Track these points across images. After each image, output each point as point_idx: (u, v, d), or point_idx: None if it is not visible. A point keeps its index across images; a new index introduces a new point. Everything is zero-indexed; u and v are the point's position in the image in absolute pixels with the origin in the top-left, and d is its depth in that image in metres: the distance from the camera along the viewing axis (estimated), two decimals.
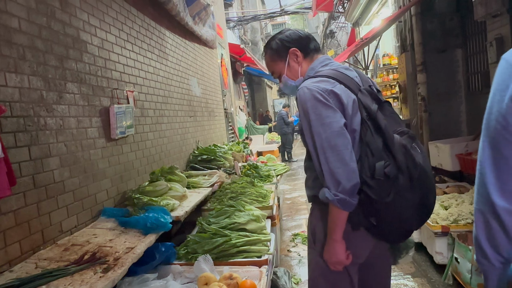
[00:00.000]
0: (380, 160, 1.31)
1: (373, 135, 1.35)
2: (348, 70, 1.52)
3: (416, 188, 1.33)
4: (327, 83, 1.40)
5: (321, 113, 1.35)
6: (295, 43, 1.60)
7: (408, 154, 1.32)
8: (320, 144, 1.35)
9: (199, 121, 4.73)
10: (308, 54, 1.61)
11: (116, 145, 2.46)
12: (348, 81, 1.43)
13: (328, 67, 1.54)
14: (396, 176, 1.30)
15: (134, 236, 1.86)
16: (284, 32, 1.65)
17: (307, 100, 1.38)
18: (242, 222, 2.39)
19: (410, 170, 1.31)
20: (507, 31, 3.74)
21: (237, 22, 11.58)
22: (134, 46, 2.89)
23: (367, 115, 1.38)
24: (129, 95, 2.71)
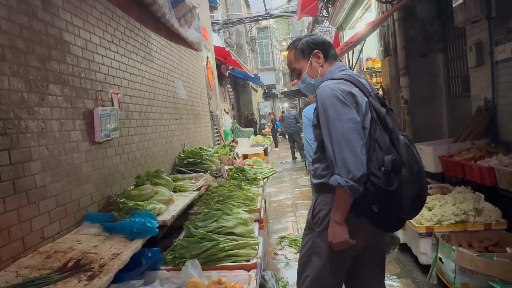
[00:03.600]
0: (387, 154, 1.50)
1: (381, 133, 1.54)
2: (361, 78, 1.71)
3: (415, 181, 1.51)
4: (345, 85, 1.59)
5: (339, 110, 1.53)
6: (319, 46, 1.79)
7: (410, 152, 1.52)
8: (336, 137, 1.52)
9: (185, 124, 4.68)
10: (328, 58, 1.80)
11: (101, 148, 2.41)
12: (362, 86, 1.62)
13: (345, 72, 1.72)
14: (400, 169, 1.49)
15: (119, 242, 1.81)
16: (311, 36, 1.85)
17: (327, 98, 1.57)
18: (230, 226, 2.36)
19: (411, 165, 1.50)
20: (486, 37, 3.85)
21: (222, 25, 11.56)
22: (118, 48, 2.84)
23: (377, 116, 1.57)
24: (114, 97, 2.65)
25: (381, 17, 5.35)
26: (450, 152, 3.93)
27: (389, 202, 1.51)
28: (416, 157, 1.55)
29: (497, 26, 3.64)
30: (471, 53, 4.09)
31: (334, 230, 1.56)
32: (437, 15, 5.29)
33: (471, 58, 4.08)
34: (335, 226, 1.56)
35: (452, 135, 4.95)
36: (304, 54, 1.80)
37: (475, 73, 4.09)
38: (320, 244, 1.65)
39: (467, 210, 3.16)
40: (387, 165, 1.48)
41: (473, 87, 4.16)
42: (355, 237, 1.59)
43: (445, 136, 5.29)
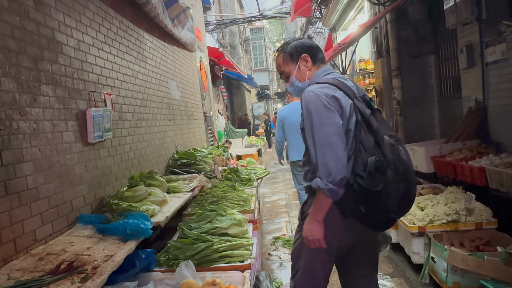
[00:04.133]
0: (372, 156, 1.53)
1: (366, 134, 1.57)
2: (346, 80, 1.75)
3: (401, 181, 1.53)
4: (329, 89, 1.63)
5: (322, 115, 1.58)
6: (307, 50, 1.83)
7: (395, 152, 1.54)
8: (319, 141, 1.57)
9: (179, 124, 4.67)
10: (316, 62, 1.84)
11: (93, 149, 2.39)
12: (346, 89, 1.65)
13: (330, 75, 1.76)
14: (384, 170, 1.51)
15: (113, 244, 1.80)
16: (299, 39, 1.89)
17: (311, 102, 1.61)
18: (224, 227, 2.36)
19: (396, 165, 1.53)
20: (476, 39, 3.90)
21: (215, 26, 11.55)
22: (111, 48, 2.82)
23: (362, 118, 1.60)
24: (107, 98, 2.64)
25: (373, 19, 5.39)
26: (442, 153, 3.97)
27: (375, 202, 1.54)
28: (402, 157, 1.57)
29: (488, 28, 3.69)
30: (462, 54, 4.13)
31: (312, 227, 1.63)
32: (429, 17, 5.35)
33: (462, 60, 4.12)
34: (313, 224, 1.63)
35: (444, 135, 5.00)
36: (293, 57, 1.84)
37: (466, 74, 4.14)
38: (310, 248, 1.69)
39: (459, 210, 3.20)
40: (370, 166, 1.53)
41: (464, 88, 4.20)
42: (344, 237, 1.67)
43: (437, 137, 5.34)
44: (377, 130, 1.56)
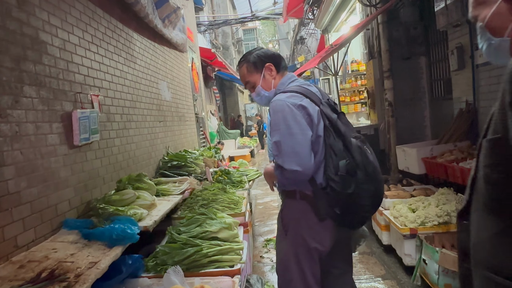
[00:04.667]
0: (342, 159, 1.60)
1: (335, 138, 1.62)
2: (310, 86, 1.80)
3: (371, 181, 1.61)
4: (296, 98, 1.67)
5: (290, 124, 1.62)
6: (270, 59, 1.88)
7: (363, 154, 1.61)
8: (286, 150, 1.62)
9: (169, 126, 4.61)
10: (279, 70, 1.90)
11: (80, 152, 2.33)
12: (312, 96, 1.70)
13: (295, 83, 1.82)
14: (355, 172, 1.58)
15: (98, 250, 1.75)
16: (260, 49, 1.94)
17: (279, 112, 1.66)
18: (213, 231, 2.32)
19: (365, 166, 1.60)
20: (467, 40, 3.91)
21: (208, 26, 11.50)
22: (99, 48, 2.77)
23: (329, 123, 1.65)
24: (94, 99, 2.58)
25: (365, 20, 5.39)
26: (433, 154, 3.97)
27: (349, 204, 1.61)
28: (369, 158, 1.64)
29: None
30: (452, 56, 4.15)
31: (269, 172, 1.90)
32: (420, 19, 5.36)
33: (453, 62, 4.14)
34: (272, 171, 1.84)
35: (435, 136, 5.02)
36: (257, 67, 1.88)
37: (456, 76, 4.15)
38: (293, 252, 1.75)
39: (450, 211, 3.20)
40: (342, 169, 1.58)
41: (455, 90, 4.22)
42: (323, 239, 1.73)
43: (428, 138, 5.36)
44: (344, 133, 1.62)
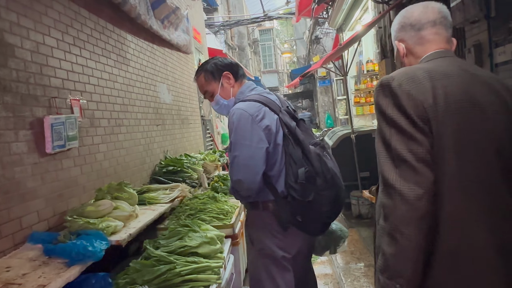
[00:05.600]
0: (301, 167, 1.62)
1: (294, 147, 1.65)
2: (270, 94, 1.83)
3: (330, 187, 1.64)
4: (254, 107, 1.70)
5: (246, 135, 1.66)
6: (227, 68, 1.91)
7: (322, 161, 1.64)
8: (240, 160, 1.67)
9: (169, 129, 4.49)
10: (237, 78, 1.93)
11: (54, 160, 2.21)
12: (271, 104, 1.73)
13: (254, 91, 1.84)
14: (314, 179, 1.60)
15: (54, 269, 1.61)
16: (217, 58, 1.96)
17: (237, 121, 1.69)
18: (193, 246, 2.16)
19: (324, 173, 1.62)
20: (485, 38, 3.61)
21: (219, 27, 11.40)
22: (82, 51, 2.65)
23: (288, 131, 1.67)
24: (74, 104, 2.46)
25: (376, 18, 5.12)
26: None
27: (310, 211, 1.62)
28: (328, 164, 1.65)
29: (497, 27, 3.41)
30: (469, 55, 3.85)
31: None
32: None
33: (470, 60, 3.85)
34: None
35: None
36: (214, 76, 1.90)
37: None
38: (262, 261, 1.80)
39: None
40: (301, 177, 1.60)
41: None
42: (288, 245, 1.76)
43: None
44: (303, 141, 1.64)
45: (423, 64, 1.20)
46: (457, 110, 1.06)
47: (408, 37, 1.27)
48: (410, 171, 1.03)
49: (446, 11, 1.25)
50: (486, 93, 1.12)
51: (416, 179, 1.02)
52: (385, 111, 1.09)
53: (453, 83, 1.10)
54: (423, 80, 1.09)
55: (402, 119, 1.06)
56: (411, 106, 1.06)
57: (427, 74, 1.10)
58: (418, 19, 1.25)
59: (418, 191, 1.01)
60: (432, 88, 1.07)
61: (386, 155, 1.08)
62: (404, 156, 1.04)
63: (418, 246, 1.02)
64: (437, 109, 1.05)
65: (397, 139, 1.06)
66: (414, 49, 1.26)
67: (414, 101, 1.06)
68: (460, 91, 1.09)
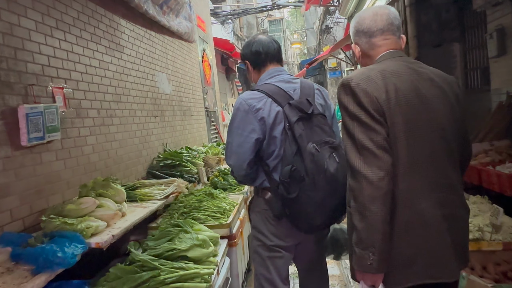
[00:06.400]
0: (289, 165, 1.62)
1: (290, 143, 1.63)
2: (289, 83, 1.79)
3: (318, 190, 1.58)
4: (255, 98, 1.72)
5: (239, 125, 1.73)
6: (246, 57, 1.93)
7: (315, 161, 1.57)
8: (232, 147, 1.77)
9: (169, 121, 4.28)
10: (256, 66, 1.91)
11: (31, 153, 2.02)
12: (278, 95, 1.70)
13: (271, 79, 1.81)
14: (302, 178, 1.58)
15: (18, 277, 1.42)
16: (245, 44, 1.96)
17: (235, 109, 1.76)
18: (182, 249, 1.95)
19: (314, 174, 1.57)
20: (509, 21, 3.30)
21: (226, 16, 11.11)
22: (67, 35, 2.45)
23: (288, 126, 1.64)
24: (57, 92, 2.27)
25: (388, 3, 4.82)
26: None
27: (294, 207, 1.64)
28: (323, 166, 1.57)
29: None
30: (491, 41, 3.55)
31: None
32: (453, 0, 4.73)
33: (492, 47, 3.55)
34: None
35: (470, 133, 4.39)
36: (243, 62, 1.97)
37: (496, 63, 3.57)
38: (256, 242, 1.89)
39: (483, 225, 2.66)
40: (285, 175, 1.62)
41: (493, 80, 3.65)
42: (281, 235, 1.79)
43: None
44: (299, 138, 1.58)
45: (376, 64, 1.37)
46: (406, 103, 1.26)
47: (361, 42, 1.45)
48: (372, 157, 1.20)
49: (394, 15, 1.42)
50: (429, 87, 1.31)
51: (377, 163, 1.19)
52: (347, 107, 1.27)
53: (402, 80, 1.28)
54: (377, 79, 1.27)
55: (362, 113, 1.23)
56: (368, 102, 1.23)
57: (380, 73, 1.28)
58: (368, 27, 1.41)
59: (380, 174, 1.18)
60: (385, 86, 1.26)
61: (351, 144, 1.25)
62: (366, 144, 1.21)
63: (384, 219, 1.19)
64: (390, 103, 1.24)
65: (359, 131, 1.23)
66: (367, 52, 1.44)
67: (371, 97, 1.24)
68: (408, 87, 1.28)
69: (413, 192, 1.25)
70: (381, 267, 1.21)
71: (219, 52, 10.05)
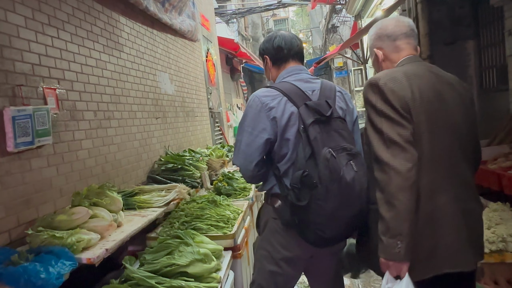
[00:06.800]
0: (301, 169, 1.50)
1: (304, 146, 1.51)
2: (308, 83, 1.68)
3: (330, 199, 1.45)
4: (269, 96, 1.62)
5: (249, 122, 1.64)
6: (266, 51, 1.83)
7: (329, 167, 1.43)
8: (239, 145, 1.69)
9: (171, 122, 4.13)
10: (275, 62, 1.81)
11: (19, 159, 1.87)
12: (295, 95, 1.60)
13: (291, 77, 1.71)
14: (314, 185, 1.45)
15: None
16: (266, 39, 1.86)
17: (248, 106, 1.68)
18: (182, 264, 1.78)
19: (327, 182, 1.44)
20: None
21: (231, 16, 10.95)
22: (61, 32, 2.30)
23: (303, 128, 1.53)
24: (48, 93, 2.11)
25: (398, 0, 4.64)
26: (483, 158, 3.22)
27: (304, 216, 1.52)
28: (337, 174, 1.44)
29: None
30: (510, 38, 3.36)
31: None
32: None
33: (510, 44, 3.36)
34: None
35: (485, 136, 4.17)
36: (262, 57, 1.87)
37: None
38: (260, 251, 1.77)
39: (506, 235, 2.47)
40: (295, 181, 1.50)
41: (511, 79, 3.42)
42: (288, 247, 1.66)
43: None
44: (313, 141, 1.48)
45: (399, 67, 1.46)
46: (428, 103, 1.34)
47: (385, 45, 1.53)
48: (400, 150, 1.27)
49: (413, 24, 1.55)
50: (448, 90, 1.41)
51: (405, 156, 1.26)
52: (375, 104, 1.34)
53: (424, 82, 1.37)
54: (402, 79, 1.35)
55: (389, 110, 1.31)
56: (396, 100, 1.31)
57: (404, 75, 1.37)
58: (393, 31, 1.51)
59: (408, 165, 1.25)
60: (410, 86, 1.34)
61: (378, 139, 1.32)
62: (394, 138, 1.28)
63: (411, 208, 1.25)
64: (415, 102, 1.33)
65: (387, 126, 1.30)
66: (390, 55, 1.52)
67: (398, 96, 1.32)
68: (429, 88, 1.37)
69: (434, 187, 1.34)
70: (407, 255, 1.27)
71: (223, 52, 9.89)
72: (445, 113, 1.37)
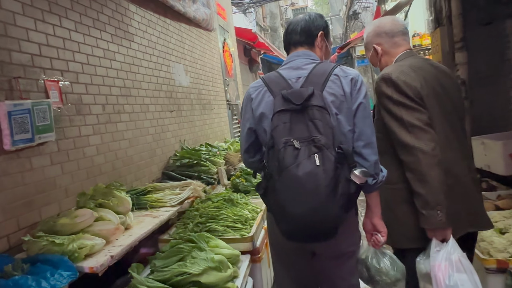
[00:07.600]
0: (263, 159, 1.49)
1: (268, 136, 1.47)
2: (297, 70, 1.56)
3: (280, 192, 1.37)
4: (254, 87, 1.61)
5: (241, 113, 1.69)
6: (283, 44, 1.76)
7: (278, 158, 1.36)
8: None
9: (186, 116, 3.96)
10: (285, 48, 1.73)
11: (18, 158, 1.73)
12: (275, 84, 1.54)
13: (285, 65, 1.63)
14: (269, 176, 1.41)
15: None
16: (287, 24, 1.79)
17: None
18: (194, 273, 1.60)
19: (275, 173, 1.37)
20: None
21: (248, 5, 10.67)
22: (64, 20, 2.14)
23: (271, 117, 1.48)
24: (50, 86, 1.96)
25: None
26: None
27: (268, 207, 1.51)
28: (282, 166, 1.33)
29: None
30: None
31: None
32: None
33: None
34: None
35: None
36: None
37: None
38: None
39: None
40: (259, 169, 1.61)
41: None
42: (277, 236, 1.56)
43: None
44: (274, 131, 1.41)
45: (402, 61, 1.64)
46: (434, 91, 1.57)
47: (384, 41, 1.72)
48: (422, 132, 1.46)
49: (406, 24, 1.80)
50: (445, 78, 1.66)
51: (427, 137, 1.46)
52: (391, 96, 1.52)
53: (427, 73, 1.60)
54: (410, 72, 1.55)
55: (406, 99, 1.50)
56: (409, 90, 1.51)
57: (411, 68, 1.57)
58: (391, 29, 1.70)
59: (431, 144, 1.45)
60: (417, 77, 1.55)
61: (399, 126, 1.49)
62: (415, 122, 1.47)
63: (443, 181, 1.45)
64: (424, 90, 1.53)
65: (406, 113, 1.49)
66: (389, 50, 1.71)
67: (410, 86, 1.51)
68: (433, 78, 1.60)
69: (450, 161, 1.53)
70: (449, 221, 1.43)
71: (241, 43, 9.65)
72: (448, 99, 1.60)
